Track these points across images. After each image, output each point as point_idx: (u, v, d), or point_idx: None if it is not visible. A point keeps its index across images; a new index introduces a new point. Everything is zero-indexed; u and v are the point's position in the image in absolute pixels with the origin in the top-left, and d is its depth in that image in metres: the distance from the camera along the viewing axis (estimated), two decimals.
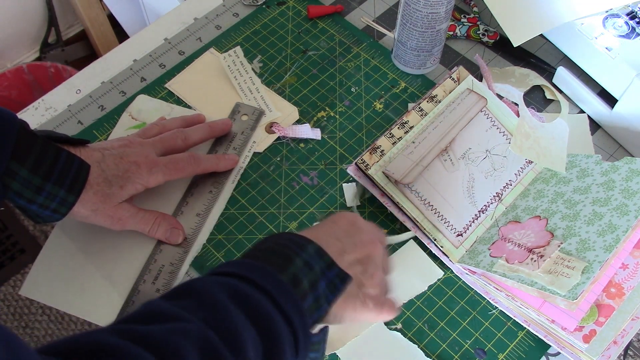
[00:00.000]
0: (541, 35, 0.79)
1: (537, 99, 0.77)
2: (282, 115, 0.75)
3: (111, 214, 0.60)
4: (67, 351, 0.35)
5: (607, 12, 0.72)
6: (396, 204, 0.63)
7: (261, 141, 0.73)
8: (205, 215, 0.67)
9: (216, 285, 0.43)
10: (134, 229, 0.63)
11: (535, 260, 0.58)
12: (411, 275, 0.65)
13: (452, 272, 0.65)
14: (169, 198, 0.68)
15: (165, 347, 0.38)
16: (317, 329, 0.49)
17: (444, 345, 0.61)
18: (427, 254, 0.66)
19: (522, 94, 0.74)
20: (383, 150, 0.64)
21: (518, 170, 0.68)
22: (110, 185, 0.59)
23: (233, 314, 0.41)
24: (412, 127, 0.66)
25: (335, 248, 0.50)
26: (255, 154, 0.73)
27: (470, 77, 0.69)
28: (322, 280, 0.47)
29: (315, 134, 0.73)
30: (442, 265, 0.65)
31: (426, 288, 0.64)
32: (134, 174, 0.61)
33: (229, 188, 0.70)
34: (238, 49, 0.80)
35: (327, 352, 0.60)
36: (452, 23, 0.81)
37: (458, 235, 0.65)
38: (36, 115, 0.76)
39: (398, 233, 0.66)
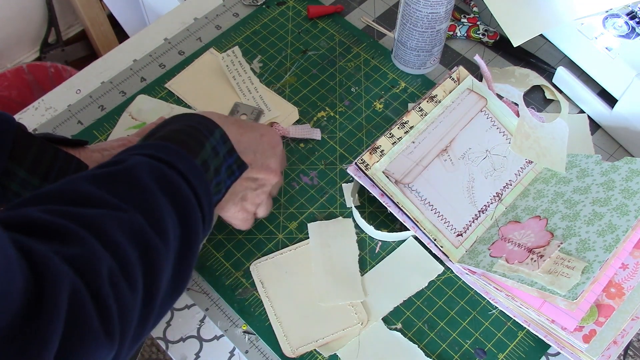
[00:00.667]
0: (541, 35, 0.79)
1: (537, 99, 0.77)
2: (282, 115, 0.75)
3: None
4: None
5: (607, 12, 0.72)
6: (396, 204, 0.63)
7: None
8: None
9: (146, 168, 0.45)
10: None
11: (535, 260, 0.58)
12: (411, 272, 0.65)
13: (452, 272, 0.65)
14: None
15: (99, 230, 0.39)
16: None
17: (444, 345, 0.61)
18: (426, 250, 0.66)
19: (522, 94, 0.74)
20: (383, 150, 0.64)
21: (518, 170, 0.68)
22: None
23: (159, 200, 0.44)
24: (412, 127, 0.66)
25: (247, 160, 0.55)
26: None
27: (470, 77, 0.69)
28: (224, 165, 0.51)
29: (315, 133, 0.73)
30: (441, 263, 0.65)
31: (426, 284, 0.64)
32: None
33: None
34: (236, 48, 0.80)
35: (327, 354, 0.61)
36: (452, 23, 0.81)
37: (458, 235, 0.64)
38: (36, 115, 0.76)
39: (398, 233, 0.66)
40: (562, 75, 0.76)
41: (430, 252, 0.65)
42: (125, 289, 0.40)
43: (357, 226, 0.68)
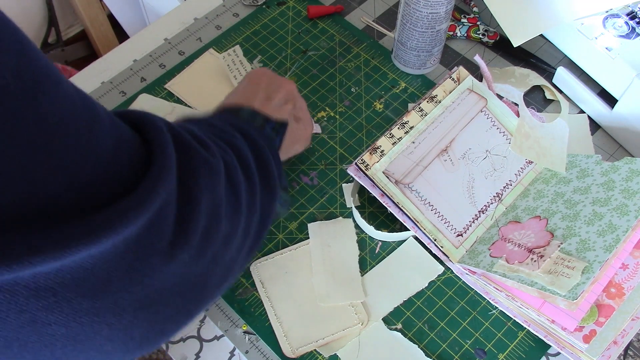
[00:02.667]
0: (541, 35, 0.79)
1: (537, 99, 0.77)
2: None
3: None
4: (125, 116, 0.38)
5: (607, 12, 0.72)
6: (396, 204, 0.63)
7: None
8: None
9: (225, 123, 0.52)
10: None
11: (535, 261, 0.58)
12: (411, 272, 0.65)
13: (452, 272, 0.65)
14: None
15: (222, 139, 0.47)
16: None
17: (444, 346, 0.61)
18: (426, 250, 0.66)
19: (522, 94, 0.74)
20: (383, 151, 0.64)
21: (518, 171, 0.68)
22: None
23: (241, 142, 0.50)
24: (412, 127, 0.66)
25: (262, 97, 0.59)
26: None
27: (470, 77, 0.69)
28: (266, 128, 0.56)
29: (316, 128, 0.74)
30: (441, 263, 0.65)
31: (426, 284, 0.64)
32: None
33: None
34: (237, 48, 0.80)
35: (327, 354, 0.61)
36: (452, 23, 0.81)
37: (458, 235, 0.65)
38: None
39: (398, 233, 0.66)
40: (562, 75, 0.76)
41: (430, 252, 0.66)
42: (219, 147, 0.45)
43: (357, 226, 0.68)
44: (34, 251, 0.28)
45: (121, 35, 1.69)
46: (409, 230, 0.65)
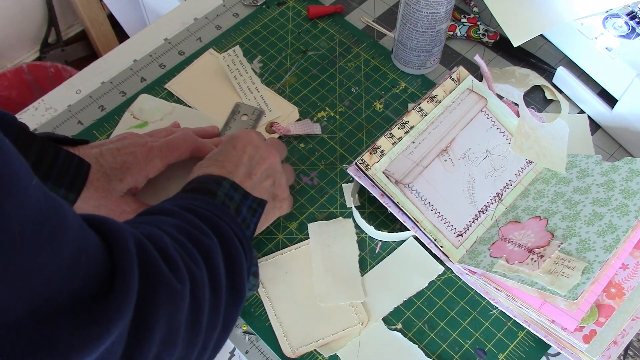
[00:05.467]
0: (541, 35, 0.79)
1: (537, 99, 0.77)
2: (282, 115, 0.75)
3: (114, 207, 0.61)
4: (96, 224, 0.38)
5: (607, 12, 0.72)
6: (396, 204, 0.63)
7: None
8: None
9: (182, 211, 0.51)
10: None
11: (535, 261, 0.58)
12: (411, 272, 0.65)
13: (452, 272, 0.65)
14: (173, 194, 0.68)
15: (155, 221, 0.48)
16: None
17: (444, 346, 0.61)
18: (427, 250, 0.66)
19: (522, 94, 0.74)
20: (383, 151, 0.64)
21: (518, 171, 0.68)
22: (109, 180, 0.59)
23: (204, 230, 0.50)
24: (412, 127, 0.66)
25: (243, 173, 0.58)
26: None
27: (470, 77, 0.69)
28: (243, 207, 0.55)
29: (316, 128, 0.74)
30: (442, 263, 0.65)
31: (427, 284, 0.64)
32: (132, 164, 0.61)
33: None
34: (237, 48, 0.80)
35: (327, 354, 0.61)
36: (452, 23, 0.81)
37: (458, 235, 0.65)
38: (36, 115, 0.76)
39: (398, 233, 0.66)
40: (562, 75, 0.76)
41: (430, 252, 0.65)
42: (189, 261, 0.44)
43: (357, 226, 0.68)
44: None
45: (121, 35, 1.69)
46: (409, 230, 0.65)
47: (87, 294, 0.33)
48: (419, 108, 0.67)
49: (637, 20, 0.71)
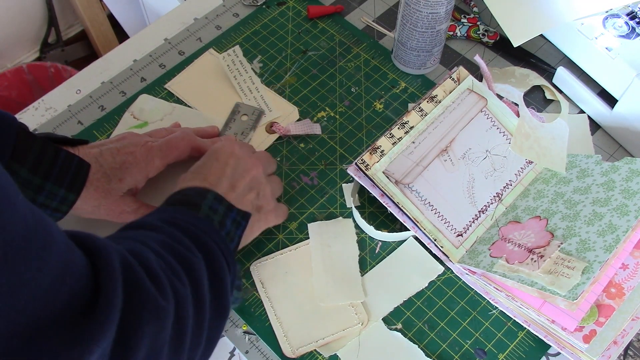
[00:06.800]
0: (541, 35, 0.79)
1: (537, 99, 0.77)
2: (282, 115, 0.75)
3: (114, 207, 0.61)
4: (81, 241, 0.38)
5: (607, 12, 0.72)
6: (396, 204, 0.63)
7: (261, 141, 0.73)
8: None
9: (166, 226, 0.51)
10: None
11: (535, 261, 0.58)
12: (411, 272, 0.65)
13: (452, 272, 0.65)
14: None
15: (140, 238, 0.47)
16: None
17: (444, 346, 0.61)
18: (426, 250, 0.66)
19: (522, 94, 0.74)
20: (383, 151, 0.64)
21: (518, 171, 0.68)
22: (109, 180, 0.60)
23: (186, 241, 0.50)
24: (412, 127, 0.66)
25: (226, 185, 0.58)
26: None
27: (470, 77, 0.69)
28: (227, 219, 0.55)
29: (316, 128, 0.73)
30: (441, 263, 0.65)
31: (427, 284, 0.64)
32: (132, 164, 0.61)
33: None
34: (237, 48, 0.79)
35: (327, 354, 0.61)
36: (452, 23, 0.81)
37: (458, 235, 0.65)
38: (36, 115, 0.76)
39: (398, 233, 0.66)
40: (562, 75, 0.76)
41: (430, 252, 0.66)
42: (174, 278, 0.44)
43: (357, 226, 0.68)
44: None
45: (121, 35, 1.69)
46: (409, 230, 0.65)
47: (70, 312, 0.32)
48: (419, 108, 0.67)
49: (637, 20, 0.71)
